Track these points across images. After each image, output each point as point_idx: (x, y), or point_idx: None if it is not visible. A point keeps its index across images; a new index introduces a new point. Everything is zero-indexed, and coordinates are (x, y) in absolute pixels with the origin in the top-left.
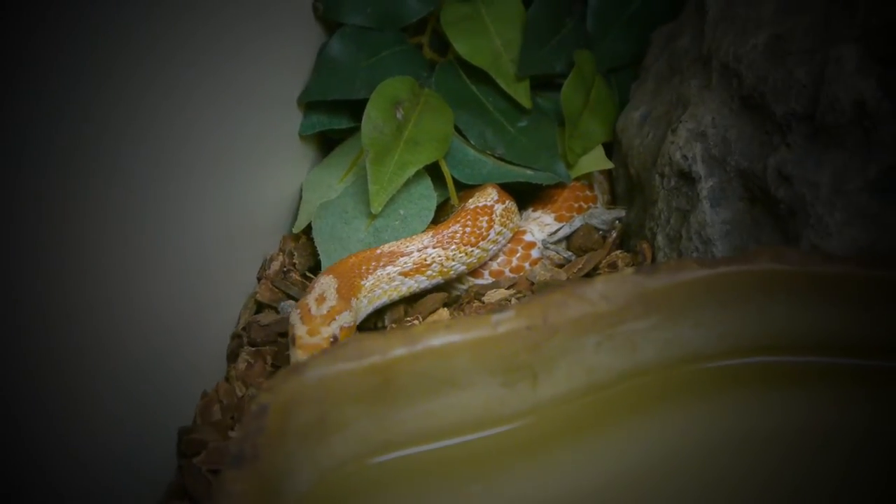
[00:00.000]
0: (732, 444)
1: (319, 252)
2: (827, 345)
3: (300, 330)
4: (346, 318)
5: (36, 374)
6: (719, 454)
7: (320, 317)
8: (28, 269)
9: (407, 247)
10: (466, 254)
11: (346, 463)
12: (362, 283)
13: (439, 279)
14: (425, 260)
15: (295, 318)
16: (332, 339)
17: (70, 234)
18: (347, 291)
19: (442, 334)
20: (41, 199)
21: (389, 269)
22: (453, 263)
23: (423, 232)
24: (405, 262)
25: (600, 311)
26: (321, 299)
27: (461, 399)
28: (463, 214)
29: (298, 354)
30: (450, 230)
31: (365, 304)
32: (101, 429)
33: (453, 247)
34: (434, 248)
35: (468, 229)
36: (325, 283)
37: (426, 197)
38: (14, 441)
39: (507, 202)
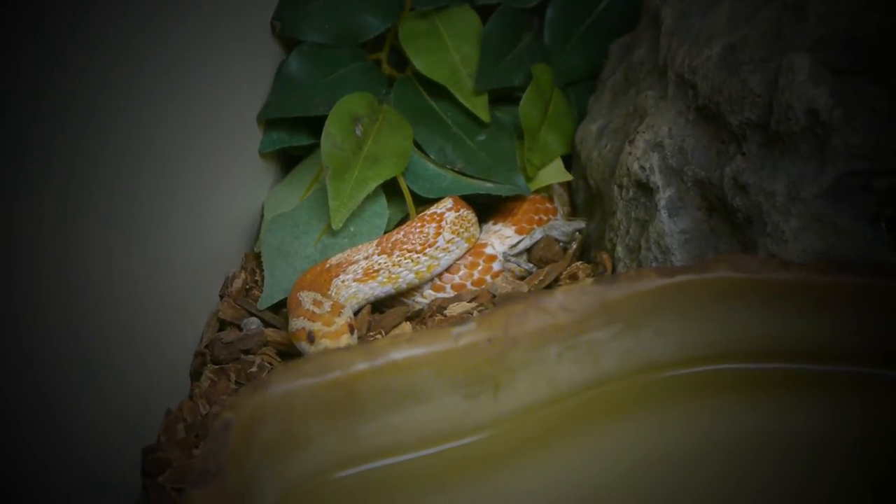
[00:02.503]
0: (695, 451)
1: (264, 266)
2: (785, 351)
3: (315, 326)
4: (349, 313)
5: None
6: (683, 462)
7: (327, 312)
8: None
9: (353, 256)
10: (413, 261)
11: (311, 478)
12: (329, 292)
13: (390, 287)
14: (373, 267)
15: (301, 323)
16: (349, 327)
17: (29, 253)
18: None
19: (403, 348)
20: None
21: (343, 277)
22: (400, 270)
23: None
24: (355, 270)
25: (561, 321)
26: (317, 303)
27: (424, 412)
28: (410, 223)
29: (326, 344)
30: (393, 238)
31: None
32: (65, 448)
33: (397, 253)
34: (379, 255)
35: (413, 236)
36: (307, 295)
37: (378, 215)
38: None
39: (461, 210)
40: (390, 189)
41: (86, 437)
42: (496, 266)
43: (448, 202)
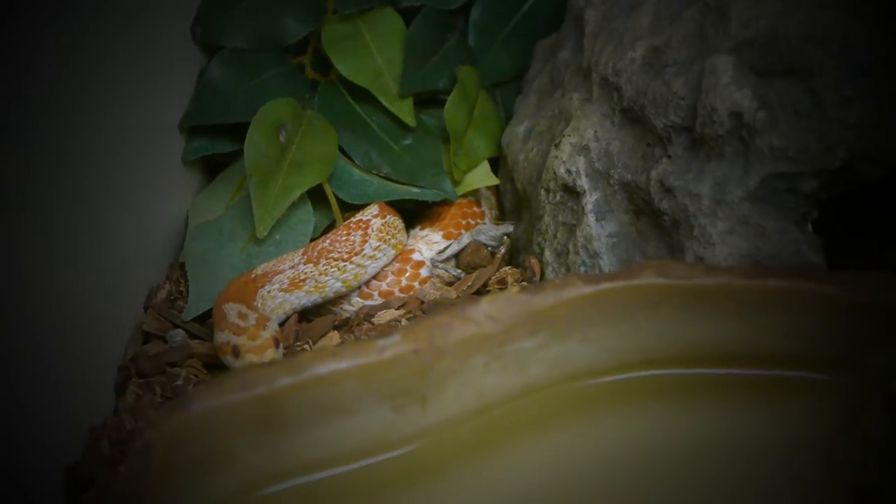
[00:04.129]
0: (626, 458)
1: (188, 275)
2: (714, 356)
3: (240, 340)
4: (275, 326)
5: None
6: (614, 469)
7: (252, 326)
8: None
9: (279, 266)
10: (339, 269)
11: (237, 494)
12: (255, 303)
13: (317, 296)
14: (299, 276)
15: (226, 337)
16: (273, 340)
17: None
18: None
19: (328, 362)
20: None
21: (268, 287)
22: (327, 279)
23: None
24: (282, 280)
25: (487, 331)
26: (242, 316)
27: (351, 426)
28: (336, 230)
29: (251, 358)
30: (319, 246)
31: None
32: None
33: (324, 261)
34: (305, 264)
35: (339, 244)
36: (232, 308)
37: (304, 222)
38: None
39: (387, 217)
40: (316, 196)
41: (8, 458)
42: (424, 272)
43: (374, 209)
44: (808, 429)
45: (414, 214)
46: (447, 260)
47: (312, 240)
